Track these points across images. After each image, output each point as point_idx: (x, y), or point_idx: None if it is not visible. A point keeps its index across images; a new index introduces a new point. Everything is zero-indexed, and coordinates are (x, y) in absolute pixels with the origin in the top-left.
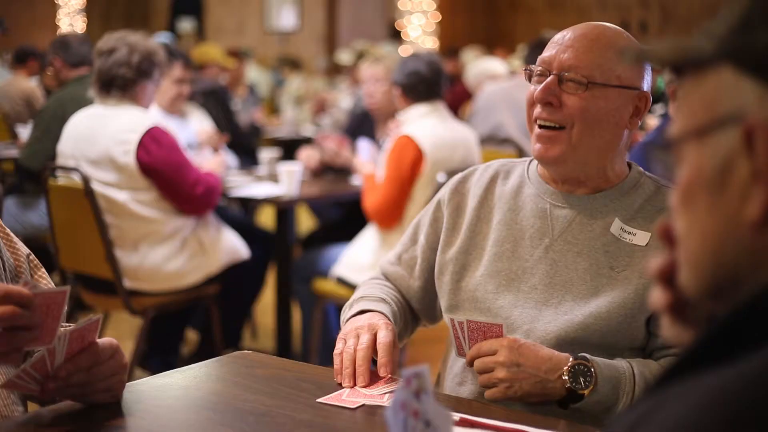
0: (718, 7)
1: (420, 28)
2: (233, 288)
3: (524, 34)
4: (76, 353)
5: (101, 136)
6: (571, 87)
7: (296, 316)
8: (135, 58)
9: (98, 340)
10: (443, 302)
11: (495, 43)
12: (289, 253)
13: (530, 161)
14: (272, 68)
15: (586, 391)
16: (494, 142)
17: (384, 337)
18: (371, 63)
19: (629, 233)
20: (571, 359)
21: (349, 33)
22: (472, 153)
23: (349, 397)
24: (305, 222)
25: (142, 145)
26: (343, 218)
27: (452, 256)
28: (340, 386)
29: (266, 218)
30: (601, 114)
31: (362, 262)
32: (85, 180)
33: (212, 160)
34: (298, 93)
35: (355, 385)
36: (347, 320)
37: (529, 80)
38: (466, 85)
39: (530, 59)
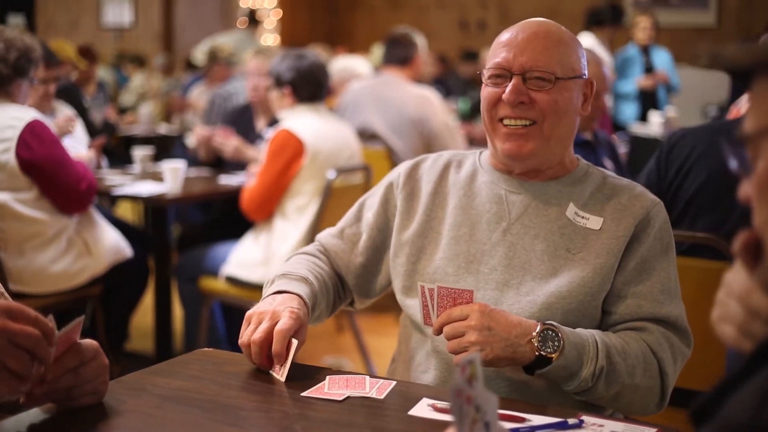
0: (555, 8)
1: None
2: (116, 288)
3: (364, 32)
4: (62, 354)
5: None
6: (538, 84)
7: (176, 315)
8: (12, 55)
9: (80, 341)
10: (398, 283)
11: (336, 40)
12: (168, 252)
13: (480, 152)
14: (111, 65)
15: (554, 355)
16: (362, 138)
17: (281, 324)
18: (256, 56)
19: (583, 218)
20: (539, 325)
21: (186, 30)
22: (354, 149)
23: (331, 389)
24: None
25: (22, 140)
26: (214, 219)
27: (408, 239)
28: (318, 380)
29: (123, 214)
30: (566, 104)
31: (253, 258)
32: None
33: (85, 153)
34: (142, 90)
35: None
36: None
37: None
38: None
39: (388, 57)
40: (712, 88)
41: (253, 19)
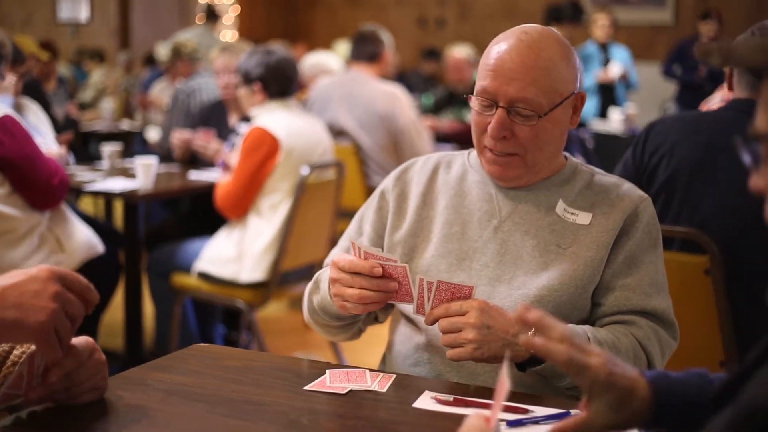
0: (514, 5)
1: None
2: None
3: (323, 29)
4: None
5: None
6: (522, 119)
7: (146, 312)
8: None
9: (74, 340)
10: None
11: (295, 37)
12: (139, 249)
13: (469, 153)
14: (70, 61)
15: None
16: (330, 134)
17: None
18: (222, 54)
19: (572, 214)
20: None
21: (143, 25)
22: (327, 145)
23: (333, 383)
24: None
25: None
26: (183, 215)
27: (400, 239)
28: (318, 374)
29: (84, 210)
30: (551, 134)
31: (226, 254)
32: None
33: (56, 149)
34: (102, 86)
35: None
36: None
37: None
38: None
39: (356, 53)
40: (670, 85)
41: (212, 15)
